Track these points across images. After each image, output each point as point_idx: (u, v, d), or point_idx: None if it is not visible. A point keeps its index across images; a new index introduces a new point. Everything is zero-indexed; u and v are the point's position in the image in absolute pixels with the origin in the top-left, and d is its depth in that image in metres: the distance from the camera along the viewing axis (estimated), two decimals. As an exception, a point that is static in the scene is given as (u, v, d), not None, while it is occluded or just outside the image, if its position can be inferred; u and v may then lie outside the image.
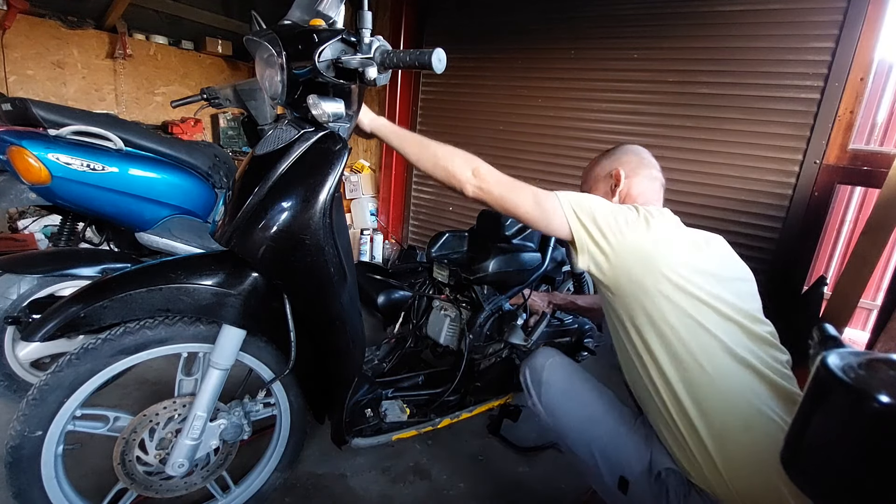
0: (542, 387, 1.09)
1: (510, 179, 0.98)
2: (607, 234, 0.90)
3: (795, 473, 0.45)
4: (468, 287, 1.48)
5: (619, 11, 2.49)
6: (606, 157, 1.17)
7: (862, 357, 0.42)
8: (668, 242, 0.89)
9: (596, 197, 0.97)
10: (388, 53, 0.86)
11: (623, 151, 1.16)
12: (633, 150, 1.16)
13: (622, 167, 1.11)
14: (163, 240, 1.72)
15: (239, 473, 1.21)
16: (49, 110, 1.48)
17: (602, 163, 1.17)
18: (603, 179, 1.15)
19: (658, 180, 1.13)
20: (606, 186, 1.13)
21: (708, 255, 0.92)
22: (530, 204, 0.94)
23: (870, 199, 2.61)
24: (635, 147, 1.17)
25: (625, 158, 1.14)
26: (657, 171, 1.13)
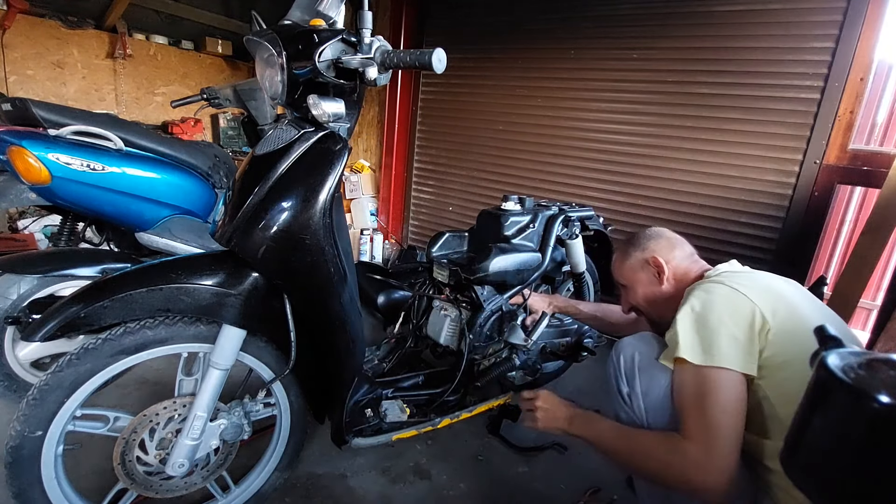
0: (654, 381, 0.96)
1: (703, 434, 0.81)
2: (744, 333, 0.84)
3: (795, 473, 0.45)
4: (468, 287, 1.48)
5: (619, 11, 2.49)
6: (634, 248, 1.15)
7: (862, 357, 0.42)
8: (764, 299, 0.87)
9: (683, 319, 0.89)
10: (388, 53, 0.86)
11: (647, 238, 1.15)
12: (656, 233, 1.16)
13: (657, 254, 1.10)
14: (163, 240, 1.72)
15: (239, 473, 1.21)
16: (49, 110, 1.48)
17: (633, 254, 1.15)
18: (642, 270, 1.13)
19: (693, 255, 1.13)
20: (649, 275, 1.12)
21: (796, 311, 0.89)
22: (736, 417, 0.81)
23: (870, 199, 2.61)
24: (657, 230, 1.18)
25: (653, 245, 1.13)
26: (682, 243, 1.15)
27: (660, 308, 1.11)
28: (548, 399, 1.14)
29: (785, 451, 0.46)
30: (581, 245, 1.74)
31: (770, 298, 0.87)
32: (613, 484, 1.43)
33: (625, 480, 1.40)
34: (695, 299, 0.91)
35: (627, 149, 2.53)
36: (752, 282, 0.91)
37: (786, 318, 0.84)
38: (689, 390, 0.85)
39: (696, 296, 0.91)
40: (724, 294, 0.88)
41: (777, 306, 0.86)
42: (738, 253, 2.28)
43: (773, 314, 0.84)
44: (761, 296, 0.87)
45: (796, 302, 0.89)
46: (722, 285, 0.90)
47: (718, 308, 0.86)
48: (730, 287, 0.88)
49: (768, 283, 0.93)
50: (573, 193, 2.73)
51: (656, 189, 2.47)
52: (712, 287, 0.91)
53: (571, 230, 1.66)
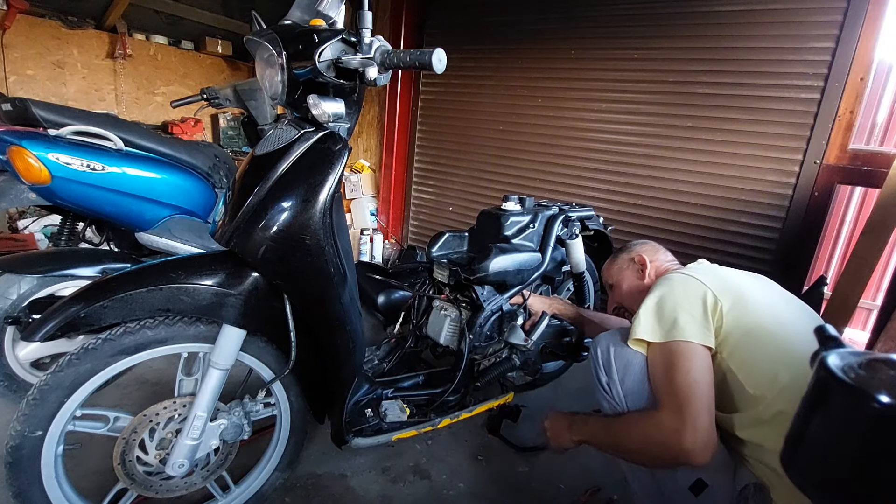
0: (629, 367, 0.99)
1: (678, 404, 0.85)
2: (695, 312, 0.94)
3: (795, 473, 0.45)
4: (468, 287, 1.48)
5: (619, 11, 2.49)
6: (622, 252, 1.34)
7: (862, 357, 0.42)
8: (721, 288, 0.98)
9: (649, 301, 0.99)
10: (388, 53, 0.86)
11: (634, 244, 1.34)
12: (642, 241, 1.35)
13: (642, 253, 1.27)
14: (163, 240, 1.72)
15: (239, 473, 1.21)
16: (49, 110, 1.48)
17: (619, 257, 1.34)
18: (627, 268, 1.30)
19: (674, 261, 1.28)
20: (633, 272, 1.28)
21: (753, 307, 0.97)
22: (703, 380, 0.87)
23: (870, 199, 2.60)
24: (643, 240, 1.36)
25: (638, 248, 1.30)
26: (670, 255, 1.30)
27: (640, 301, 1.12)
28: (552, 420, 1.19)
29: (785, 452, 0.46)
30: (581, 245, 1.74)
31: (719, 282, 0.97)
32: (613, 484, 1.43)
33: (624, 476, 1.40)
34: (656, 288, 1.01)
35: (628, 149, 2.53)
36: (708, 272, 1.03)
37: (737, 297, 0.94)
38: (657, 368, 0.93)
39: (657, 284, 1.02)
40: (678, 280, 0.99)
41: (726, 287, 0.96)
42: (738, 253, 2.28)
43: (723, 292, 0.94)
44: (712, 280, 0.97)
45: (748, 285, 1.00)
46: (679, 273, 1.02)
47: (675, 291, 0.96)
48: (684, 274, 1.00)
49: (723, 274, 1.03)
50: (573, 193, 2.73)
51: (656, 189, 2.47)
52: (671, 276, 1.02)
53: (571, 230, 1.66)
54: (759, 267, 2.22)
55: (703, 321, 0.92)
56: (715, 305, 0.92)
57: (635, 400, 0.99)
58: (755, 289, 1.00)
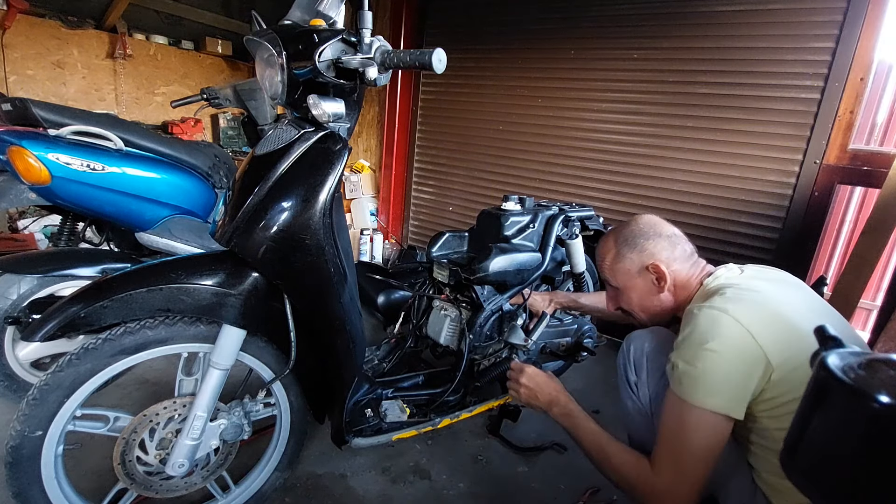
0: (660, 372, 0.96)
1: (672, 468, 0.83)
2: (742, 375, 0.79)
3: (795, 474, 0.45)
4: (468, 287, 1.48)
5: (620, 11, 2.48)
6: (629, 249, 1.03)
7: (862, 357, 0.42)
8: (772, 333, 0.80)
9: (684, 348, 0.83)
10: (388, 53, 0.86)
11: (644, 236, 1.02)
12: (653, 228, 1.03)
13: (657, 259, 0.99)
14: (163, 240, 1.72)
15: (239, 473, 1.21)
16: (49, 110, 1.48)
17: (627, 256, 1.03)
18: (639, 275, 1.03)
19: (693, 254, 1.03)
20: (647, 282, 1.02)
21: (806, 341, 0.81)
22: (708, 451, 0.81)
23: (870, 199, 2.60)
24: (647, 222, 1.04)
25: (651, 246, 1.00)
26: (681, 240, 1.03)
27: (655, 317, 1.06)
28: (533, 378, 1.14)
29: (784, 452, 0.46)
30: (581, 245, 1.74)
31: (779, 332, 0.80)
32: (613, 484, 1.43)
33: None
34: (700, 327, 0.83)
35: (628, 149, 2.53)
36: (760, 308, 0.83)
37: (795, 356, 0.78)
38: (671, 419, 0.84)
39: (702, 323, 0.83)
40: (730, 333, 0.80)
41: (786, 343, 0.79)
42: (738, 253, 2.28)
43: (780, 354, 0.79)
44: (769, 331, 0.80)
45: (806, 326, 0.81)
46: (728, 317, 0.81)
47: (721, 347, 0.80)
48: (737, 322, 0.80)
49: (777, 309, 0.84)
50: (573, 193, 2.73)
51: (656, 189, 2.47)
52: (719, 318, 0.82)
53: (571, 230, 1.66)
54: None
55: (740, 391, 0.79)
56: (765, 372, 0.79)
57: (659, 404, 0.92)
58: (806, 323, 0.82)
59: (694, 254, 1.04)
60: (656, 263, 0.99)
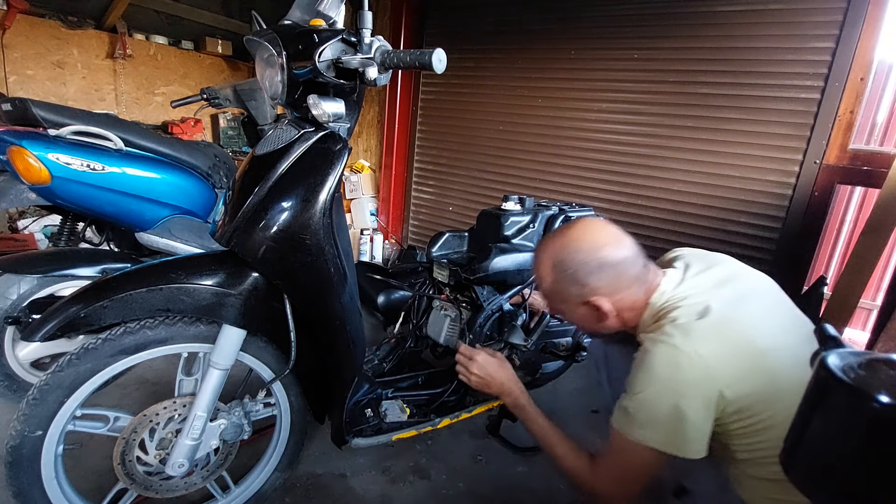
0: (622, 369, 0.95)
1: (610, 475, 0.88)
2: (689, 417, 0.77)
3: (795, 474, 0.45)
4: (468, 287, 1.48)
5: (620, 11, 2.48)
6: (569, 283, 0.91)
7: (862, 357, 0.42)
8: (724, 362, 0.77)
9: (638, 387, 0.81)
10: (388, 53, 0.86)
11: (586, 269, 0.88)
12: (594, 258, 0.88)
13: (600, 294, 0.89)
14: (163, 240, 1.72)
15: (239, 473, 1.21)
16: (49, 110, 1.48)
17: (567, 289, 0.92)
18: (582, 308, 0.93)
19: (632, 271, 0.89)
20: (590, 314, 0.93)
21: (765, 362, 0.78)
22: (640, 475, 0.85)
23: (870, 199, 2.60)
24: (591, 245, 0.89)
25: (594, 281, 0.88)
26: (627, 258, 0.89)
27: (598, 334, 1.05)
28: (483, 368, 1.14)
29: (785, 452, 0.46)
30: (581, 245, 1.73)
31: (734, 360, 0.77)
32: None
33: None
34: (654, 369, 0.79)
35: (628, 149, 2.53)
36: (714, 336, 0.79)
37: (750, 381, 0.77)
38: (615, 439, 0.86)
39: (656, 365, 0.79)
40: (685, 377, 0.76)
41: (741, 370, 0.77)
42: (738, 253, 2.26)
43: (736, 385, 0.76)
44: (725, 363, 0.76)
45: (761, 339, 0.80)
46: (684, 357, 0.77)
47: (672, 388, 0.77)
48: (691, 364, 0.76)
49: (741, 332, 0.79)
50: (573, 193, 2.73)
51: (656, 189, 2.47)
52: (675, 359, 0.77)
53: (571, 230, 1.66)
54: (759, 267, 2.21)
55: (698, 434, 0.78)
56: (719, 408, 0.78)
57: None
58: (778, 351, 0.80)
59: (644, 266, 0.91)
60: (597, 302, 0.90)
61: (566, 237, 0.92)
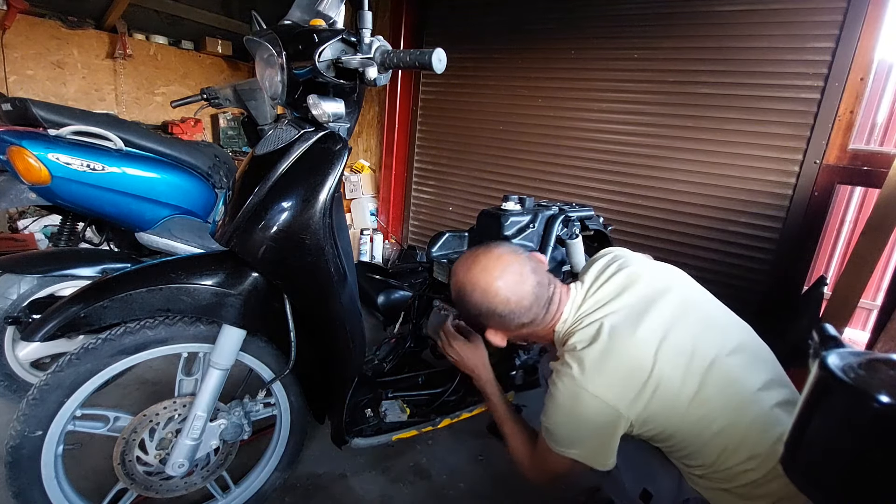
0: None
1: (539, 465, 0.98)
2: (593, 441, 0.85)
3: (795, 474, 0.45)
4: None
5: (620, 11, 2.48)
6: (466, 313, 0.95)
7: (862, 357, 0.42)
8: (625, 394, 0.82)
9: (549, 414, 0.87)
10: (388, 53, 0.86)
11: (478, 311, 0.92)
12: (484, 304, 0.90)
13: (491, 328, 0.95)
14: (163, 240, 1.72)
15: (239, 473, 1.21)
16: (49, 110, 1.48)
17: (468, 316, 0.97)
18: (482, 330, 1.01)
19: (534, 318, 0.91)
20: (492, 338, 0.99)
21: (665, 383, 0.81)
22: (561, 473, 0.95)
23: (870, 199, 2.60)
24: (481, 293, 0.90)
25: (484, 321, 0.94)
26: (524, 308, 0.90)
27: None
28: (458, 352, 1.22)
29: (785, 452, 0.46)
30: (581, 245, 1.74)
31: (633, 385, 0.81)
32: (613, 484, 1.43)
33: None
34: (560, 401, 0.85)
35: (628, 149, 2.53)
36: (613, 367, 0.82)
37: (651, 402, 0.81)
38: (541, 442, 0.94)
39: (561, 398, 0.84)
40: (586, 408, 0.82)
41: (639, 393, 0.81)
42: (738, 253, 2.28)
43: (637, 406, 0.81)
44: (625, 390, 0.81)
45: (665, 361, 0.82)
46: (585, 392, 0.81)
47: (580, 418, 0.83)
48: (594, 396, 0.81)
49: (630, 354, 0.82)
50: (573, 193, 2.73)
51: (656, 189, 2.47)
52: (577, 394, 0.82)
53: (571, 230, 1.66)
54: (759, 267, 2.22)
55: (606, 449, 0.85)
56: (627, 426, 0.83)
57: None
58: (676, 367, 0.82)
59: (547, 301, 0.92)
60: (491, 337, 0.98)
61: (467, 274, 0.93)
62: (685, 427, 0.83)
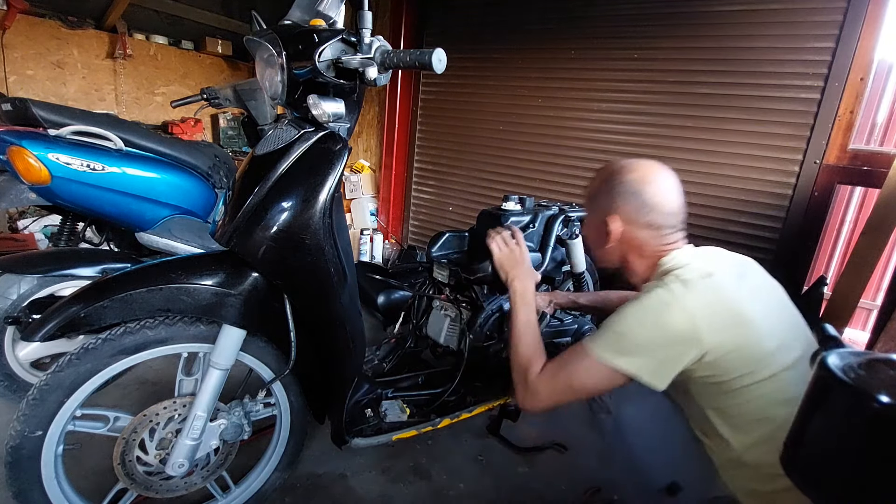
0: None
1: (549, 382, 0.94)
2: (667, 351, 0.83)
3: (795, 473, 0.45)
4: (468, 287, 1.47)
5: (619, 11, 2.48)
6: (604, 192, 0.99)
7: (862, 357, 0.42)
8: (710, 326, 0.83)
9: (626, 326, 0.87)
10: (388, 53, 0.86)
11: (620, 190, 0.95)
12: (632, 187, 0.94)
13: (618, 214, 0.96)
14: (163, 240, 1.72)
15: (239, 473, 1.21)
16: (49, 110, 1.48)
17: (598, 198, 1.00)
18: (596, 222, 1.02)
19: (663, 227, 0.95)
20: (599, 231, 1.01)
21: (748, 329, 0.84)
22: (581, 393, 0.92)
23: (870, 199, 2.60)
24: (636, 179, 0.95)
25: (621, 203, 0.95)
26: (662, 215, 0.95)
27: (602, 259, 1.08)
28: (515, 248, 1.22)
29: (785, 451, 0.46)
30: (581, 245, 1.74)
31: (720, 317, 0.83)
32: (613, 484, 1.43)
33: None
34: (647, 303, 0.86)
35: (628, 149, 2.53)
36: (707, 292, 0.85)
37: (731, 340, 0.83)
38: (577, 354, 0.91)
39: (650, 302, 0.86)
40: (672, 316, 0.83)
41: (724, 327, 0.83)
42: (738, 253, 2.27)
43: (716, 338, 0.82)
44: (712, 316, 0.82)
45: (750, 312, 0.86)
46: (676, 301, 0.84)
47: (656, 321, 0.84)
48: (683, 308, 0.83)
49: (733, 298, 0.86)
50: (573, 193, 2.73)
51: (656, 189, 2.47)
52: (668, 300, 0.84)
53: (571, 230, 1.66)
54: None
55: (667, 370, 0.84)
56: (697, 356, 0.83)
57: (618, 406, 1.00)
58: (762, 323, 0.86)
59: (671, 232, 0.97)
60: (609, 223, 0.97)
61: (634, 162, 0.99)
62: (747, 392, 0.83)
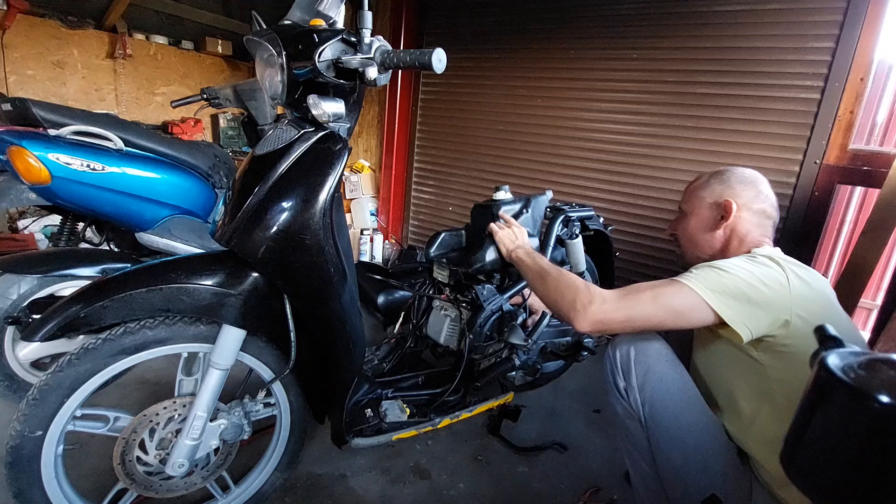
0: (649, 374, 0.99)
1: (625, 295, 0.93)
2: (760, 304, 0.86)
3: (795, 474, 0.45)
4: (468, 287, 1.47)
5: (619, 11, 2.48)
6: (717, 181, 1.07)
7: (862, 357, 0.42)
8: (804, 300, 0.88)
9: (726, 266, 0.90)
10: (388, 53, 0.86)
11: (738, 178, 1.05)
12: (748, 177, 1.05)
13: (736, 199, 1.03)
14: (163, 240, 1.72)
15: (239, 473, 1.21)
16: (49, 110, 1.48)
17: (712, 186, 1.08)
18: (709, 207, 1.07)
19: (771, 218, 1.05)
20: (712, 215, 1.06)
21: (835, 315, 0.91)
22: (661, 313, 0.90)
23: (870, 199, 2.60)
24: (751, 174, 1.06)
25: (740, 189, 1.04)
26: (771, 208, 1.04)
27: (694, 253, 1.11)
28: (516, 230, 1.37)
29: (785, 452, 0.46)
30: (581, 245, 1.74)
31: (808, 295, 0.88)
32: (613, 484, 1.43)
33: (623, 476, 1.40)
34: (751, 260, 0.92)
35: (628, 149, 2.53)
36: (803, 272, 0.91)
37: (814, 316, 0.86)
38: (664, 283, 0.92)
39: (755, 260, 0.92)
40: (774, 275, 0.88)
41: (811, 305, 0.87)
42: (738, 253, 2.27)
43: (803, 311, 0.86)
44: (803, 290, 0.87)
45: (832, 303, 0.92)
46: (779, 267, 0.90)
47: (762, 277, 0.88)
48: (783, 272, 0.88)
49: (823, 283, 0.92)
50: (573, 193, 2.73)
51: (656, 189, 2.47)
52: (772, 265, 0.90)
53: (571, 230, 1.66)
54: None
55: (756, 320, 0.86)
56: (783, 323, 0.86)
57: (654, 409, 0.96)
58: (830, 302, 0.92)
59: (771, 226, 1.06)
60: (730, 201, 1.03)
61: (743, 168, 1.09)
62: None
